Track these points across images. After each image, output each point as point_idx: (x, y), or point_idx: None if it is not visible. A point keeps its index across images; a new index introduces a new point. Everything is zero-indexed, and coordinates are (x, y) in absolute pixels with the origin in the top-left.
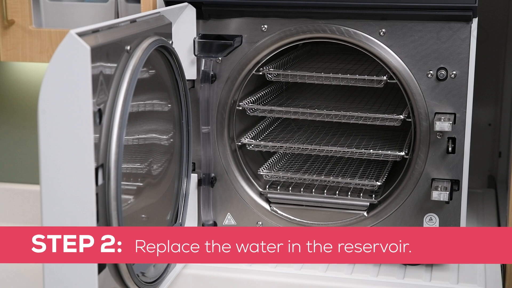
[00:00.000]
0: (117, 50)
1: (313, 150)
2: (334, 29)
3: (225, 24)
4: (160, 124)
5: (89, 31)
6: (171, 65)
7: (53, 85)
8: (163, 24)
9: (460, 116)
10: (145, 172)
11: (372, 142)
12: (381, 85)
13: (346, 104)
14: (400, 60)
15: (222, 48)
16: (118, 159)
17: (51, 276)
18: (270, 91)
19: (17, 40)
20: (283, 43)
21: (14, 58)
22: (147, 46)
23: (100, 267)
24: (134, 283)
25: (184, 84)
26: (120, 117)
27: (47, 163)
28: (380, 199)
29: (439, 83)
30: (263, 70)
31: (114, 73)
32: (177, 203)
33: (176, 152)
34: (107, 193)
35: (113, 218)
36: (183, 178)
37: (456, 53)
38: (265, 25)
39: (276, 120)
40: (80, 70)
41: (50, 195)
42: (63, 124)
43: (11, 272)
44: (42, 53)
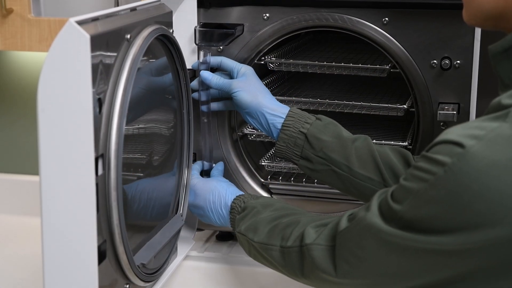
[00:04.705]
0: (117, 39)
1: None
2: (336, 18)
3: (226, 12)
4: (160, 114)
5: (89, 20)
6: (171, 54)
7: (52, 74)
8: (164, 13)
9: (464, 106)
10: (146, 162)
11: (375, 133)
12: (384, 74)
13: (349, 94)
14: (403, 49)
15: (223, 37)
16: (118, 149)
17: (51, 267)
18: (272, 80)
19: (15, 29)
20: (285, 32)
21: (13, 47)
22: (148, 35)
23: (100, 258)
24: (134, 274)
25: (185, 73)
26: (120, 106)
27: (46, 153)
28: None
29: (443, 72)
30: (265, 59)
31: (114, 62)
32: (178, 194)
33: (177, 142)
34: (107, 183)
35: (113, 208)
36: (183, 169)
37: (461, 43)
38: (267, 14)
39: None
40: (79, 59)
41: (49, 186)
42: (63, 113)
43: (11, 262)
44: (41, 42)
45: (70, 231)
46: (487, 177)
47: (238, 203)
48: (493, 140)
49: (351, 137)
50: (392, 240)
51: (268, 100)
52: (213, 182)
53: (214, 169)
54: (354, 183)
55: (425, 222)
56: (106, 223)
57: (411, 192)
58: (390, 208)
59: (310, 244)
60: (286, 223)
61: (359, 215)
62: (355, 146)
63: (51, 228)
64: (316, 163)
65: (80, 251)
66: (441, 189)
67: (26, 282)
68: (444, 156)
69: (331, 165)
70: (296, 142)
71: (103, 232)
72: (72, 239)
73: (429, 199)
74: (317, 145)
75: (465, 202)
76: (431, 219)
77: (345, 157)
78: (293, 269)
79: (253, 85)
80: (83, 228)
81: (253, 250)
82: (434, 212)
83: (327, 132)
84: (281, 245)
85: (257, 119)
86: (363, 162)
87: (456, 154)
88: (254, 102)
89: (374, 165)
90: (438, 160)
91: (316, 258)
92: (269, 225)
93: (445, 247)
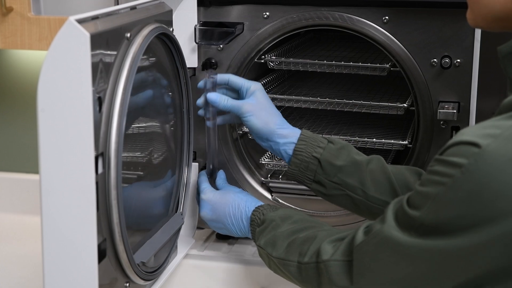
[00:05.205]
0: (117, 37)
1: None
2: (337, 17)
3: (226, 11)
4: (160, 112)
5: (89, 18)
6: (171, 52)
7: (52, 73)
8: (164, 11)
9: (464, 105)
10: (146, 161)
11: (375, 131)
12: (384, 73)
13: (349, 93)
14: (403, 48)
15: (223, 36)
16: (118, 147)
17: (51, 265)
18: (272, 79)
19: (15, 28)
20: (285, 30)
21: (13, 45)
22: (148, 34)
23: (100, 256)
24: (134, 273)
25: (185, 72)
26: (120, 105)
27: (46, 152)
28: None
29: (443, 71)
30: (265, 58)
31: (114, 60)
32: (178, 192)
33: (177, 141)
34: (107, 182)
35: (113, 207)
36: (183, 167)
37: (461, 41)
38: (267, 13)
39: (278, 108)
40: (79, 57)
41: (49, 184)
42: (63, 112)
43: (11, 261)
44: (41, 40)
45: (70, 230)
46: (506, 174)
47: (257, 215)
48: (509, 138)
49: (364, 159)
50: (412, 251)
51: (279, 126)
52: (230, 194)
53: (218, 178)
54: (370, 207)
55: (446, 224)
56: (106, 222)
57: (430, 197)
58: (407, 216)
59: (327, 260)
60: (303, 238)
61: (375, 228)
62: (370, 169)
63: (51, 226)
64: (329, 188)
65: (80, 249)
66: (460, 190)
67: (26, 281)
68: (460, 158)
69: (345, 189)
70: (309, 166)
71: (103, 231)
72: (72, 237)
73: (449, 201)
74: (331, 171)
75: (485, 201)
76: (452, 220)
77: (360, 182)
78: (311, 284)
79: (263, 109)
80: (83, 227)
81: (272, 264)
82: (454, 214)
83: (341, 156)
84: (298, 261)
85: (268, 144)
86: (379, 186)
87: (472, 154)
88: (265, 129)
89: (390, 188)
90: (454, 162)
91: (334, 274)
92: (287, 240)
93: (468, 247)
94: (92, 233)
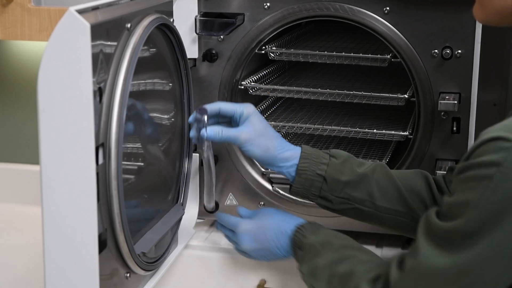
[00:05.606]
0: (118, 28)
1: (316, 129)
2: (337, 7)
3: (227, 2)
4: (161, 103)
5: (89, 9)
6: (172, 43)
7: (53, 63)
8: (164, 2)
9: (465, 96)
10: (146, 152)
11: (376, 122)
12: (385, 64)
13: (350, 84)
14: (404, 39)
15: (224, 26)
16: (118, 138)
17: (52, 256)
18: (273, 70)
19: (15, 19)
20: (286, 21)
21: (13, 36)
22: (148, 24)
23: (101, 247)
24: (135, 263)
25: (185, 63)
26: (120, 96)
27: (47, 143)
28: None
29: (444, 62)
30: (265, 48)
31: (114, 51)
32: (178, 183)
33: (177, 132)
34: (108, 172)
35: (114, 197)
36: (184, 158)
37: (462, 32)
38: (267, 3)
39: (278, 99)
40: (80, 48)
41: (50, 175)
42: (63, 103)
43: (11, 252)
44: (42, 31)
45: (71, 220)
46: None
47: (299, 237)
48: None
49: (369, 170)
50: (461, 268)
51: (279, 150)
52: (267, 218)
53: (242, 211)
54: (379, 217)
55: (492, 223)
56: (106, 212)
57: (468, 203)
58: (444, 231)
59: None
60: (342, 274)
61: (409, 263)
62: (376, 180)
63: (52, 217)
64: (336, 203)
65: (80, 240)
66: (499, 186)
67: (27, 271)
68: (492, 155)
69: (354, 203)
70: (313, 184)
71: (104, 221)
72: (73, 228)
73: (491, 201)
74: (337, 187)
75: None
76: (497, 218)
77: (368, 193)
78: None
79: (261, 135)
80: (84, 217)
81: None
82: (497, 211)
83: (345, 171)
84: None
85: (272, 168)
86: (387, 195)
87: (503, 148)
88: (266, 156)
89: (398, 195)
90: (487, 162)
91: None
92: (327, 273)
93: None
94: (93, 224)
